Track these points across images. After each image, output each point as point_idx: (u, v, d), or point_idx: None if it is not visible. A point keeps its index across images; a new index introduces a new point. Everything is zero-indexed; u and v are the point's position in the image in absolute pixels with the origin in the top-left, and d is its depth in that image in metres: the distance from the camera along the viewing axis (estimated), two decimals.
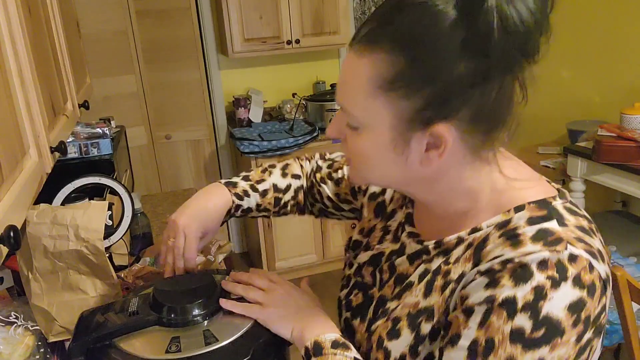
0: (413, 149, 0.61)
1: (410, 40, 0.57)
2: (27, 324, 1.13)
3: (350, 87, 0.62)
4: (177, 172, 3.47)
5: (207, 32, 3.30)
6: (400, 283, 0.72)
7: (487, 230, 0.63)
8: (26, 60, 0.96)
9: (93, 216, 1.11)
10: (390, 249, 0.78)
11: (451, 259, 0.66)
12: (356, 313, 0.78)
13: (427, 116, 0.58)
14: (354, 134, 0.64)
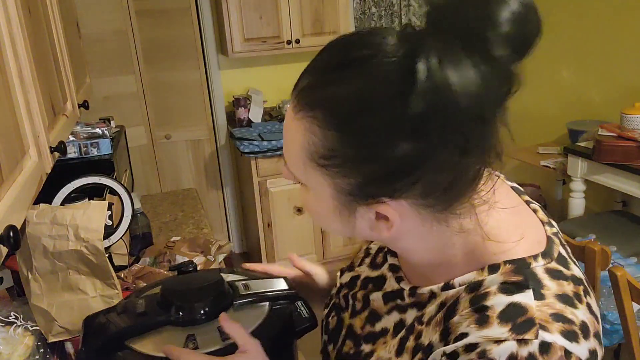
0: (360, 218, 0.56)
1: (344, 115, 0.49)
2: (26, 324, 1.13)
3: (289, 147, 0.57)
4: (177, 172, 3.47)
5: (207, 32, 3.30)
6: (372, 322, 0.68)
7: (458, 290, 0.56)
8: (26, 61, 0.96)
9: (93, 216, 1.11)
10: (366, 274, 0.74)
11: (424, 318, 0.59)
12: (331, 338, 0.76)
13: (369, 193, 0.52)
14: (302, 188, 0.59)
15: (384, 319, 0.66)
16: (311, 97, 0.53)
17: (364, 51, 0.50)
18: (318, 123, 0.51)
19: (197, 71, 3.33)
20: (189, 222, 2.09)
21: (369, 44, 0.50)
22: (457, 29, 0.46)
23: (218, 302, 0.81)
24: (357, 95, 0.49)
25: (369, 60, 0.49)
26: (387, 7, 3.63)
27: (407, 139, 0.48)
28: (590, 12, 2.97)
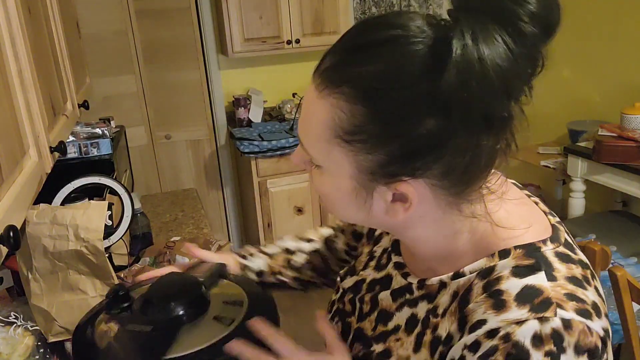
0: (377, 199, 0.56)
1: (373, 90, 0.50)
2: (26, 324, 1.13)
3: (308, 127, 0.57)
4: (177, 172, 3.47)
5: (207, 32, 3.30)
6: (383, 322, 0.67)
7: (470, 277, 0.57)
8: (26, 61, 0.96)
9: (93, 216, 1.11)
10: (372, 277, 0.73)
11: (439, 310, 0.60)
12: None
13: (391, 171, 0.53)
14: (317, 171, 0.59)
15: (395, 317, 0.66)
16: (338, 74, 0.53)
17: (392, 31, 0.51)
18: (345, 99, 0.51)
19: (197, 71, 3.33)
20: (189, 222, 2.09)
21: (397, 24, 0.51)
22: (487, 5, 0.47)
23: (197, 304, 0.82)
24: (386, 71, 0.50)
25: (398, 39, 0.50)
26: (387, 7, 3.63)
27: (435, 115, 0.49)
28: (590, 12, 2.97)
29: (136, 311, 0.81)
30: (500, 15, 0.47)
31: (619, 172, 2.45)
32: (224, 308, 0.84)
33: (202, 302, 0.83)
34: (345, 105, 0.52)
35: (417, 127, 0.49)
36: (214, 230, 3.54)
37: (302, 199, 3.21)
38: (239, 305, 0.85)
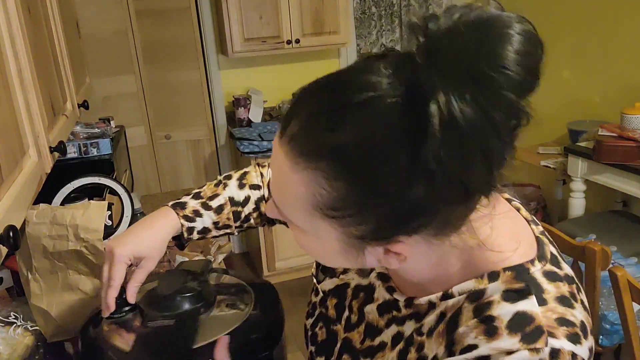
0: (369, 255, 0.54)
1: (352, 164, 0.47)
2: (26, 324, 1.13)
3: (284, 195, 0.53)
4: (177, 172, 3.47)
5: (207, 32, 3.30)
6: (371, 336, 0.66)
7: (459, 299, 0.56)
8: (26, 61, 0.96)
9: (92, 216, 1.11)
10: (357, 282, 0.71)
11: (424, 329, 0.59)
12: (320, 350, 0.73)
13: (382, 235, 0.51)
14: (298, 230, 0.56)
15: (383, 333, 0.65)
16: (312, 146, 0.49)
17: (360, 94, 0.47)
18: (324, 174, 0.48)
19: (197, 71, 3.33)
20: None
21: (364, 84, 0.47)
22: (465, 71, 0.44)
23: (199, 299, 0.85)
24: (363, 142, 0.46)
25: (368, 103, 0.46)
26: (387, 7, 3.63)
27: (420, 182, 0.46)
28: (590, 12, 2.97)
29: (150, 309, 0.82)
30: (479, 82, 0.43)
31: (619, 172, 2.45)
32: (231, 296, 0.90)
33: (210, 293, 0.87)
34: (324, 182, 0.48)
35: (404, 194, 0.47)
36: None
37: None
38: (244, 292, 0.91)
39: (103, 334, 0.83)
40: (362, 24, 3.62)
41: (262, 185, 0.94)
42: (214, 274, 0.98)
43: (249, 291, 0.91)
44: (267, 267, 3.28)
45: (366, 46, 3.67)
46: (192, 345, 0.76)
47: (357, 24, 3.63)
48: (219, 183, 0.93)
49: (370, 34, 3.65)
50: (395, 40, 3.69)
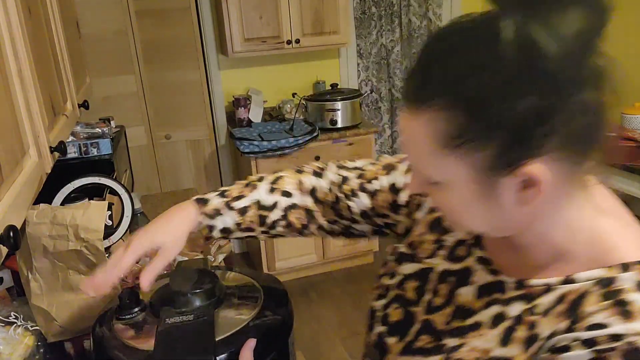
0: (503, 193, 0.55)
1: (461, 92, 0.52)
2: (26, 324, 1.13)
3: (415, 149, 0.59)
4: (177, 172, 3.47)
5: (207, 32, 3.30)
6: (460, 317, 0.66)
7: (584, 285, 0.57)
8: (26, 60, 0.96)
9: (93, 216, 1.11)
10: (444, 267, 0.72)
11: (538, 309, 0.59)
12: (393, 330, 0.72)
13: (508, 160, 0.53)
14: (436, 189, 0.60)
15: (478, 314, 0.64)
16: (425, 90, 0.55)
17: (461, 33, 0.54)
18: (440, 109, 0.53)
19: (197, 71, 3.33)
20: None
21: (463, 27, 0.55)
22: None
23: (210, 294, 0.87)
24: (471, 68, 0.51)
25: (471, 38, 0.53)
26: (387, 7, 3.63)
27: (530, 93, 0.50)
28: None
29: (163, 307, 0.83)
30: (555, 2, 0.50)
31: (619, 172, 2.45)
32: (240, 290, 0.92)
33: (221, 287, 0.89)
34: (443, 115, 0.53)
35: (517, 108, 0.50)
36: None
37: None
38: (251, 285, 0.94)
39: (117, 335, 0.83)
40: (362, 24, 3.62)
41: (297, 193, 0.90)
42: (218, 271, 0.99)
43: (256, 285, 0.94)
44: (267, 267, 3.28)
45: (366, 46, 3.67)
46: (215, 339, 0.78)
47: (357, 24, 3.62)
48: (248, 184, 0.91)
49: (370, 34, 3.65)
50: (396, 40, 3.68)
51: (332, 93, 3.29)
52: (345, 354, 2.69)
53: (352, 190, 0.87)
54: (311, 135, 3.08)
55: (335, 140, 3.18)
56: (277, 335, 0.85)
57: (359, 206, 0.86)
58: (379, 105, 3.79)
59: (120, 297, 0.88)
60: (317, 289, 3.32)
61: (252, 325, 0.82)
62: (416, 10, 3.67)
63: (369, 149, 3.27)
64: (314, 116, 3.27)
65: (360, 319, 2.97)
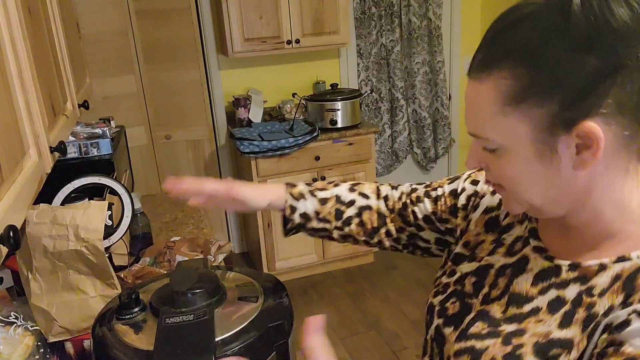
0: (562, 154, 0.58)
1: (526, 51, 0.57)
2: (26, 324, 1.13)
3: (479, 113, 0.62)
4: (177, 172, 3.47)
5: (207, 32, 3.30)
6: (516, 304, 0.68)
7: (637, 262, 0.59)
8: (26, 61, 0.96)
9: (93, 216, 1.11)
10: (502, 262, 0.74)
11: (595, 290, 0.61)
12: (450, 321, 0.75)
13: (567, 117, 0.56)
14: (495, 158, 0.63)
15: (535, 300, 0.67)
16: (491, 58, 0.59)
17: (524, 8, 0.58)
18: (506, 70, 0.58)
19: (197, 71, 3.33)
20: (189, 222, 2.09)
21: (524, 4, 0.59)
22: None
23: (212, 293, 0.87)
24: (531, 34, 0.57)
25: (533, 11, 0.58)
26: (387, 7, 3.63)
27: (590, 53, 0.54)
28: None
29: (164, 307, 0.83)
30: None
31: None
32: (240, 289, 0.92)
33: (221, 287, 0.89)
34: (507, 74, 0.58)
35: (578, 67, 0.54)
36: (214, 230, 3.54)
37: None
38: (252, 285, 0.94)
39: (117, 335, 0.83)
40: (362, 24, 3.62)
41: (373, 197, 0.96)
42: (218, 271, 1.00)
43: (256, 285, 0.94)
44: (267, 267, 3.28)
45: (366, 46, 3.67)
46: (215, 339, 0.78)
47: (357, 24, 3.62)
48: (331, 182, 1.00)
49: (370, 34, 3.65)
50: (396, 40, 3.69)
51: (332, 93, 3.29)
52: (345, 354, 2.69)
53: (418, 197, 0.93)
54: (311, 135, 3.08)
55: (335, 140, 3.19)
56: (277, 336, 0.85)
57: (422, 211, 0.91)
58: (379, 105, 3.79)
59: (120, 297, 0.88)
60: (317, 289, 3.32)
61: (252, 326, 0.82)
62: (416, 10, 3.67)
63: (369, 149, 3.27)
64: (314, 116, 3.27)
65: (360, 318, 2.97)
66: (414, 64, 3.76)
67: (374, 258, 3.57)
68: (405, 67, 3.79)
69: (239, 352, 0.78)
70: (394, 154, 3.95)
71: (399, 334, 2.78)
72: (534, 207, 0.66)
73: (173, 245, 1.64)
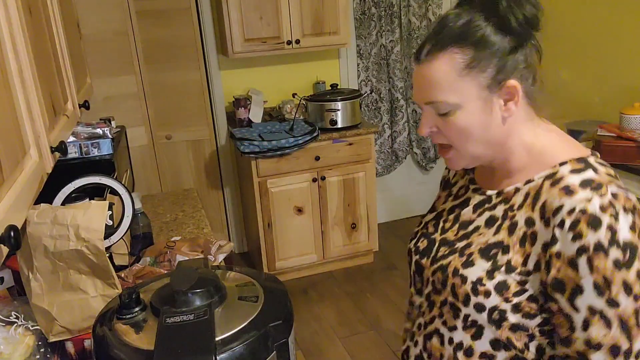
0: (496, 105, 0.83)
1: (470, 36, 0.81)
2: (27, 324, 1.13)
3: (438, 82, 0.83)
4: (178, 172, 3.47)
5: (207, 32, 3.31)
6: (464, 228, 0.93)
7: (538, 182, 0.84)
8: (27, 61, 0.96)
9: (93, 216, 1.11)
10: (451, 205, 1.00)
11: (514, 207, 0.86)
12: (423, 254, 0.99)
13: (500, 79, 0.82)
14: (447, 120, 0.85)
15: (475, 222, 0.92)
16: (440, 44, 0.83)
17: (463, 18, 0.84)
18: (456, 48, 0.82)
19: (197, 71, 3.33)
20: (189, 222, 2.09)
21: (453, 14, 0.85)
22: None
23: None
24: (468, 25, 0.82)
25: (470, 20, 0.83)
26: (387, 8, 3.63)
27: (510, 37, 0.82)
28: (589, 12, 2.97)
29: (164, 306, 0.83)
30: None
31: (619, 172, 2.44)
32: (240, 289, 0.93)
33: (221, 287, 0.89)
34: (458, 51, 0.82)
35: (503, 43, 0.81)
36: (214, 230, 3.54)
37: (302, 199, 3.21)
38: (252, 285, 0.94)
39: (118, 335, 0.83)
40: (362, 24, 3.63)
41: None
42: (219, 271, 1.00)
43: (256, 285, 0.94)
44: (267, 267, 3.28)
45: (366, 46, 3.67)
46: (215, 339, 0.78)
47: (357, 25, 3.63)
48: None
49: (370, 34, 3.65)
50: (395, 41, 3.69)
51: (332, 93, 3.29)
52: (345, 354, 2.69)
53: None
54: (311, 136, 3.09)
55: (335, 140, 3.19)
56: (277, 335, 0.85)
57: None
58: (378, 105, 3.80)
59: (121, 297, 0.88)
60: (317, 288, 3.32)
61: (252, 325, 0.83)
62: (416, 11, 3.67)
63: (369, 149, 3.27)
64: (314, 116, 3.27)
65: (360, 318, 2.97)
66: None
67: (374, 258, 3.57)
68: (405, 67, 3.80)
69: (239, 351, 0.78)
70: (393, 154, 3.95)
71: (399, 334, 2.79)
72: (474, 157, 0.89)
73: (173, 245, 1.65)
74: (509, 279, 0.83)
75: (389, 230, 4.02)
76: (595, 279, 0.77)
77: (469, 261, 0.88)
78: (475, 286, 0.86)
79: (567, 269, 0.78)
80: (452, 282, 0.89)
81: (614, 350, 0.78)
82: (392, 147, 3.93)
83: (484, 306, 0.85)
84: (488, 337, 0.87)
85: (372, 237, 3.45)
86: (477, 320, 0.87)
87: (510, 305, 0.83)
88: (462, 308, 0.88)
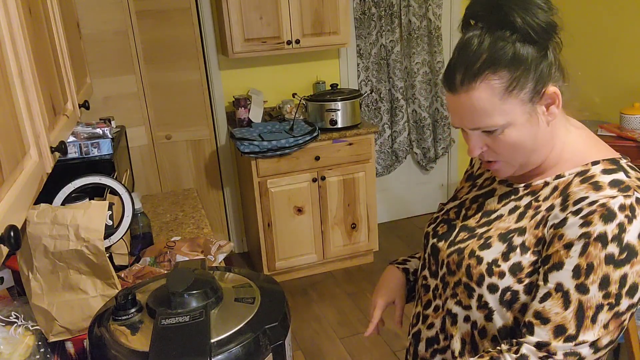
0: (540, 113, 0.86)
1: (501, 58, 0.83)
2: (27, 324, 1.13)
3: (480, 111, 0.85)
4: (178, 172, 3.47)
5: (207, 32, 3.31)
6: (487, 215, 0.96)
7: (569, 177, 0.88)
8: (26, 61, 0.96)
9: (93, 216, 1.11)
10: (474, 194, 1.04)
11: (540, 198, 0.90)
12: (441, 238, 1.02)
13: (539, 88, 0.85)
14: (497, 138, 0.87)
15: (499, 210, 0.95)
16: (473, 74, 0.84)
17: (488, 39, 0.85)
18: (490, 74, 0.83)
19: (197, 71, 3.33)
20: (189, 222, 2.09)
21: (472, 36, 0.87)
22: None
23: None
24: (492, 45, 0.84)
25: (496, 41, 0.86)
26: (387, 8, 3.63)
27: (531, 47, 0.84)
28: (590, 12, 2.97)
29: (160, 308, 0.83)
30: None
31: None
32: (237, 290, 0.93)
33: (218, 288, 0.89)
34: (493, 77, 0.83)
35: (532, 57, 0.83)
36: (214, 230, 3.54)
37: (302, 199, 3.21)
38: (249, 286, 0.94)
39: (114, 336, 0.83)
40: (362, 24, 3.63)
41: None
42: (217, 272, 0.99)
43: (253, 286, 0.94)
44: (267, 267, 3.28)
45: (366, 46, 3.67)
46: (210, 340, 0.78)
47: (357, 24, 3.63)
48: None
49: (370, 34, 3.65)
50: (395, 41, 3.69)
51: (332, 93, 3.29)
52: (345, 354, 2.69)
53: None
54: (311, 136, 3.08)
55: (335, 140, 3.19)
56: (273, 337, 0.85)
57: None
58: (378, 105, 3.80)
59: (117, 298, 0.88)
60: (317, 288, 3.32)
61: (248, 327, 0.82)
62: (416, 11, 3.67)
63: (369, 149, 3.27)
64: (314, 116, 3.27)
65: (360, 318, 2.97)
66: (414, 64, 3.77)
67: (374, 258, 3.57)
68: (405, 68, 3.80)
69: (234, 353, 0.78)
70: (393, 154, 3.95)
71: (399, 334, 2.78)
72: (523, 165, 0.91)
73: (173, 245, 1.65)
74: (524, 260, 0.87)
75: (389, 230, 4.02)
76: (579, 262, 0.80)
77: (487, 243, 0.91)
78: (491, 267, 0.89)
79: (561, 248, 0.82)
80: (467, 263, 0.92)
81: (558, 330, 0.80)
82: (392, 147, 3.93)
83: (497, 287, 0.88)
84: (498, 322, 0.90)
85: (372, 237, 3.45)
86: (488, 302, 0.90)
87: (523, 286, 0.87)
88: (476, 288, 0.91)
